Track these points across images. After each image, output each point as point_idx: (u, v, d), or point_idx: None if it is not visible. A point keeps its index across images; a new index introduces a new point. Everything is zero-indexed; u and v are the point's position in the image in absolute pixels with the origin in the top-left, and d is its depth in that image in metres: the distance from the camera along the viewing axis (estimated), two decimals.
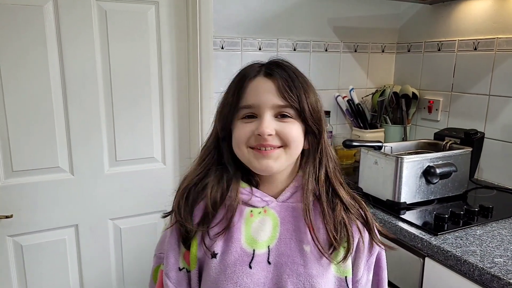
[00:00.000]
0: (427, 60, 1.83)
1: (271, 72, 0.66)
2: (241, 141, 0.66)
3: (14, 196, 1.40)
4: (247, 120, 0.67)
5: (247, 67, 0.70)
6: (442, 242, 1.07)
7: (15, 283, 1.46)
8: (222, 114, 0.69)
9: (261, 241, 0.68)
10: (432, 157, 1.32)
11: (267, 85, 0.65)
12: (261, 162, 0.66)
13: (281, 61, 0.70)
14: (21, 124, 1.37)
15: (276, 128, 0.65)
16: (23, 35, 1.32)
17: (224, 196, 0.68)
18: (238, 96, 0.66)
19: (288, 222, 0.70)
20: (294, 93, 0.65)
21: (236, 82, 0.68)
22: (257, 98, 0.65)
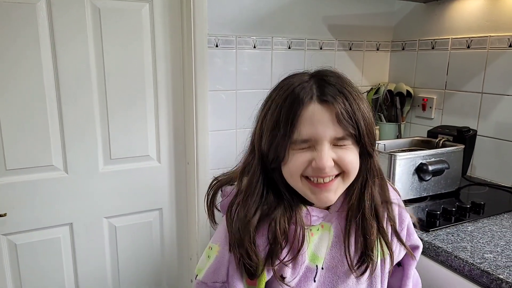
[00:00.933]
0: (421, 58, 1.84)
1: (327, 97, 0.60)
2: (296, 172, 0.63)
3: (8, 194, 1.40)
4: (301, 147, 0.62)
5: (295, 84, 0.63)
6: (434, 238, 1.08)
7: (9, 282, 1.46)
8: (271, 142, 0.62)
9: (321, 256, 0.69)
10: (424, 154, 1.33)
11: (324, 115, 0.60)
12: (319, 196, 0.64)
13: (330, 76, 0.64)
14: (15, 123, 1.37)
15: (334, 158, 0.62)
16: (16, 33, 1.31)
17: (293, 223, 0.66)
18: (292, 127, 0.60)
19: (338, 229, 0.71)
20: (353, 120, 0.61)
21: (287, 109, 0.61)
22: (314, 131, 0.60)
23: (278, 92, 0.64)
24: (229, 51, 1.62)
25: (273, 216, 0.64)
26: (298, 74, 0.66)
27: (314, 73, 0.66)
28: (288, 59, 1.75)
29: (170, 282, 1.75)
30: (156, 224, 1.68)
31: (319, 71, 0.66)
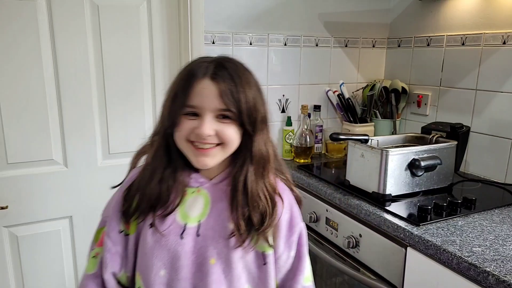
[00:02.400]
0: (416, 55, 1.85)
1: (217, 75, 0.71)
2: (182, 135, 0.73)
3: (9, 187, 1.43)
4: (190, 117, 0.72)
5: (196, 63, 0.74)
6: (424, 232, 1.10)
7: (11, 273, 1.49)
8: (170, 111, 0.73)
9: (192, 216, 0.77)
10: (417, 150, 1.35)
11: (211, 88, 0.70)
12: (198, 159, 0.74)
13: (227, 61, 0.74)
14: (15, 117, 1.40)
15: (216, 129, 0.72)
16: (16, 28, 1.34)
17: (170, 187, 0.75)
18: (185, 94, 0.71)
19: (218, 201, 0.78)
20: (235, 98, 0.70)
21: (184, 80, 0.72)
22: (201, 100, 0.70)
23: (182, 70, 0.75)
24: (226, 48, 1.64)
25: (163, 175, 0.75)
26: (204, 57, 0.76)
27: (217, 57, 0.76)
28: (284, 55, 1.77)
29: None
30: None
31: (222, 56, 0.76)
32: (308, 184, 1.57)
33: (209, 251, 0.76)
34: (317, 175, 1.61)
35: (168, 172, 0.76)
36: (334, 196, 1.42)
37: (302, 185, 1.61)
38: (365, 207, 1.29)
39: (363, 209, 1.29)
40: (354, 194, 1.39)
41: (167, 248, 0.75)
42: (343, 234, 1.38)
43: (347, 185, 1.45)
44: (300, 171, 1.67)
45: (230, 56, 0.76)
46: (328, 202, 1.46)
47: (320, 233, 1.52)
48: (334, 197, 1.42)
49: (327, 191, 1.46)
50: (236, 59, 0.77)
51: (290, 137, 1.80)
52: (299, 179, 1.63)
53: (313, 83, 1.87)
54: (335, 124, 1.98)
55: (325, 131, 1.87)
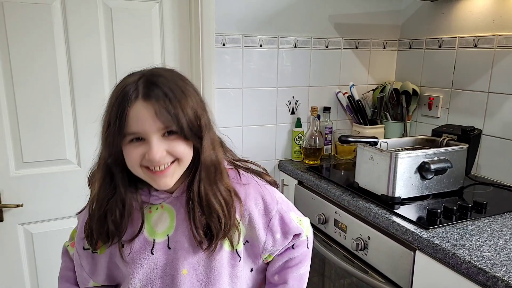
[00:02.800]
0: (428, 57, 1.84)
1: (148, 96, 0.67)
2: (134, 164, 0.71)
3: (24, 186, 1.46)
4: (135, 143, 0.70)
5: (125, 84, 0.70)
6: (433, 236, 1.10)
7: (25, 269, 1.53)
8: (107, 142, 0.70)
9: (160, 231, 0.78)
10: (427, 153, 1.34)
11: (147, 111, 0.67)
12: (158, 182, 0.72)
13: (156, 76, 0.71)
14: (31, 118, 1.43)
15: (166, 148, 0.70)
16: (32, 32, 1.37)
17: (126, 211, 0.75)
18: (121, 123, 0.67)
19: (182, 213, 0.78)
20: (172, 115, 0.68)
21: (116, 107, 0.68)
22: (141, 125, 0.68)
23: (113, 93, 0.71)
24: (236, 50, 1.65)
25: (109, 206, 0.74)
26: (132, 74, 0.72)
27: (146, 72, 0.72)
28: (295, 57, 1.78)
29: None
30: None
31: (150, 70, 0.72)
32: (317, 185, 1.57)
33: (180, 262, 0.77)
34: (326, 176, 1.62)
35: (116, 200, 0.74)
36: (343, 198, 1.42)
37: (311, 187, 1.61)
38: (374, 210, 1.29)
39: (371, 212, 1.29)
40: (363, 197, 1.39)
41: (140, 264, 0.77)
42: (352, 236, 1.38)
43: (356, 187, 1.45)
44: (309, 172, 1.68)
45: (158, 67, 0.74)
46: (337, 204, 1.47)
47: (328, 235, 1.52)
48: (343, 199, 1.42)
49: (336, 193, 1.46)
50: (165, 69, 0.74)
51: (299, 139, 1.81)
52: (308, 180, 1.63)
53: (323, 85, 1.87)
54: (345, 125, 1.97)
55: (335, 132, 1.87)
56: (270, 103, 1.78)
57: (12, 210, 1.46)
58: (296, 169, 1.73)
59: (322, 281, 1.65)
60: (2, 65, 1.36)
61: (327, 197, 1.52)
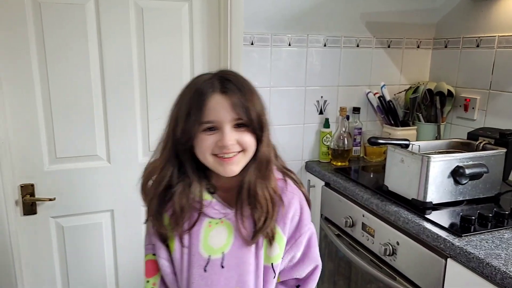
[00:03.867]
0: (464, 56, 1.76)
1: (225, 89, 0.76)
2: (206, 151, 0.77)
3: (57, 180, 1.51)
4: (208, 132, 0.77)
5: (200, 81, 0.78)
6: (466, 244, 1.05)
7: (56, 261, 1.58)
8: (184, 128, 0.76)
9: (216, 247, 0.81)
10: (462, 157, 1.28)
11: (223, 102, 0.75)
12: (225, 168, 0.78)
13: (229, 74, 0.79)
14: (64, 115, 1.48)
15: (236, 138, 0.77)
16: (66, 31, 1.42)
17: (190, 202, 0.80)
18: (200, 112, 0.75)
19: (240, 230, 0.81)
20: (245, 108, 0.76)
21: (195, 99, 0.76)
22: (217, 114, 0.75)
23: (187, 90, 0.79)
24: (264, 49, 1.64)
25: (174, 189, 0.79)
26: (203, 74, 0.81)
27: (216, 72, 0.80)
28: (324, 57, 1.75)
29: None
30: None
31: (220, 70, 0.81)
32: (344, 188, 1.54)
33: (233, 281, 0.80)
34: (355, 179, 1.58)
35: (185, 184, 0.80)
36: (372, 202, 1.38)
37: (338, 189, 1.58)
38: (404, 214, 1.25)
39: (401, 216, 1.25)
40: (393, 201, 1.34)
41: (190, 281, 0.80)
42: (380, 241, 1.34)
43: (386, 190, 1.41)
44: (337, 174, 1.64)
45: (227, 69, 0.84)
46: (365, 208, 1.43)
47: (355, 238, 1.48)
48: (371, 202, 1.38)
49: (364, 196, 1.42)
50: (233, 71, 0.82)
51: (327, 139, 1.78)
52: (335, 182, 1.60)
53: (352, 85, 1.83)
54: (375, 127, 1.92)
55: (364, 134, 1.83)
56: (298, 103, 1.76)
57: (45, 203, 1.51)
58: (323, 171, 1.70)
59: (348, 284, 1.61)
60: (39, 64, 1.41)
61: (355, 200, 1.48)
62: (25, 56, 1.39)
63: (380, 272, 1.32)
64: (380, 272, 1.32)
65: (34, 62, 1.40)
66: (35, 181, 1.49)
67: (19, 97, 1.41)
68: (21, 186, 1.47)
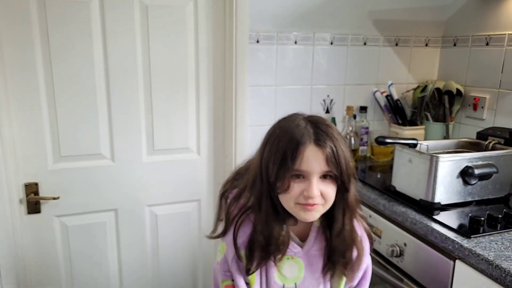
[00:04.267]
0: (474, 55, 1.73)
1: (319, 141, 0.78)
2: (291, 198, 0.80)
3: (61, 179, 1.51)
4: (296, 179, 0.80)
5: (295, 128, 0.80)
6: (475, 245, 1.03)
7: (61, 259, 1.58)
8: (278, 173, 0.79)
9: (289, 278, 0.89)
10: (471, 157, 1.26)
11: (317, 154, 0.78)
12: (306, 215, 0.82)
13: (322, 123, 0.81)
14: (69, 113, 1.47)
15: (321, 189, 0.80)
16: (71, 29, 1.41)
17: (279, 240, 0.85)
18: (294, 160, 0.77)
19: (310, 265, 0.89)
20: (337, 161, 0.78)
21: (291, 148, 0.78)
22: (310, 165, 0.78)
23: (281, 133, 0.81)
24: (270, 47, 1.63)
25: (271, 227, 0.84)
26: (295, 118, 0.83)
27: (309, 119, 0.83)
28: (330, 55, 1.73)
29: (206, 270, 1.81)
30: (194, 215, 1.74)
31: (313, 118, 0.83)
32: None
33: None
34: (361, 179, 1.56)
35: (277, 224, 0.85)
36: (378, 202, 1.36)
37: None
38: (412, 215, 1.22)
39: (409, 217, 1.22)
40: (400, 201, 1.32)
41: None
42: (387, 242, 1.32)
43: (393, 191, 1.38)
44: None
45: (318, 116, 0.84)
46: (372, 208, 1.41)
47: None
48: (378, 202, 1.36)
49: (371, 196, 1.40)
50: (323, 118, 0.84)
51: None
52: None
53: (359, 84, 1.81)
54: (382, 126, 1.90)
55: (371, 133, 1.80)
56: (304, 102, 1.74)
57: (49, 202, 1.51)
58: None
59: None
60: (43, 62, 1.41)
61: (361, 200, 1.46)
62: (30, 54, 1.38)
63: (387, 274, 1.29)
64: (387, 274, 1.29)
65: (38, 60, 1.40)
66: (39, 180, 1.48)
67: (24, 95, 1.41)
68: (25, 185, 1.46)
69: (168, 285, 1.76)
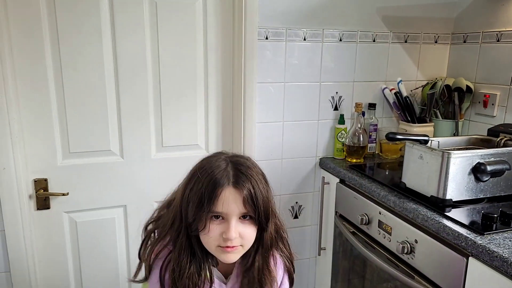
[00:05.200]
0: (484, 51, 1.72)
1: (238, 183, 0.80)
2: (212, 240, 0.82)
3: (70, 175, 1.51)
4: (215, 220, 0.81)
5: (216, 169, 0.80)
6: (489, 242, 1.02)
7: (69, 255, 1.58)
8: (195, 214, 0.80)
9: None
10: (483, 153, 1.25)
11: (235, 196, 0.79)
12: (226, 257, 0.84)
13: (242, 165, 0.82)
14: (78, 110, 1.47)
15: (240, 231, 0.82)
16: (81, 26, 1.41)
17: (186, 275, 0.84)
18: (211, 202, 0.78)
19: None
20: (255, 203, 0.80)
21: (209, 190, 0.78)
22: (227, 207, 0.79)
23: (202, 174, 0.81)
24: (279, 44, 1.62)
25: (187, 270, 0.84)
26: (218, 158, 0.84)
27: (231, 159, 0.84)
28: (339, 52, 1.72)
29: None
30: None
31: (234, 158, 0.84)
32: (360, 184, 1.51)
33: None
34: (370, 175, 1.55)
35: (194, 267, 0.85)
36: (389, 199, 1.35)
37: (354, 186, 1.55)
38: (423, 212, 1.21)
39: (420, 214, 1.22)
40: (411, 198, 1.31)
41: None
42: (397, 239, 1.31)
43: (403, 187, 1.38)
44: (352, 171, 1.61)
45: (240, 155, 0.87)
46: (382, 205, 1.40)
47: (371, 236, 1.45)
48: (389, 199, 1.35)
49: (381, 193, 1.39)
50: (245, 157, 0.87)
51: (342, 136, 1.75)
52: (350, 179, 1.57)
53: (368, 80, 1.80)
54: (390, 123, 1.89)
55: (380, 130, 1.79)
56: (313, 99, 1.74)
57: (58, 198, 1.51)
58: (338, 167, 1.67)
59: (363, 283, 1.58)
60: (52, 59, 1.41)
61: (371, 197, 1.45)
62: (39, 52, 1.39)
63: (397, 271, 1.28)
64: (397, 271, 1.29)
65: (48, 57, 1.40)
66: (49, 176, 1.49)
67: (33, 92, 1.41)
68: (35, 181, 1.47)
69: None
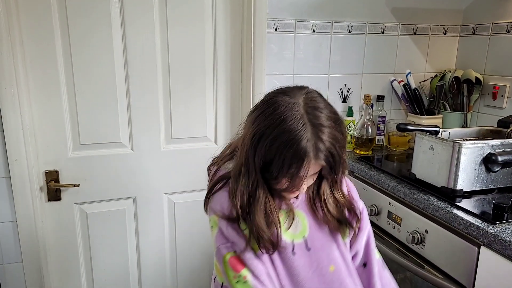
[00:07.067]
0: (494, 43, 1.71)
1: (319, 158, 0.74)
2: (278, 186, 0.80)
3: (81, 167, 1.52)
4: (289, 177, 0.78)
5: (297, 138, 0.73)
6: (501, 231, 1.02)
7: (80, 246, 1.60)
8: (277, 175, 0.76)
9: (296, 233, 0.85)
10: (494, 144, 1.24)
11: (315, 166, 0.76)
12: (290, 196, 0.84)
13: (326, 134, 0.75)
14: (88, 102, 1.48)
15: (308, 182, 0.81)
16: (90, 18, 1.41)
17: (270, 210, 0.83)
18: (296, 169, 0.74)
19: (312, 213, 0.88)
20: (332, 169, 0.78)
21: (289, 160, 0.73)
22: (307, 174, 0.76)
23: (283, 139, 0.73)
24: (288, 35, 1.62)
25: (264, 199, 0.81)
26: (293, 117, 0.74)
27: (308, 117, 0.75)
28: (348, 43, 1.71)
29: None
30: None
31: (313, 120, 0.75)
32: (369, 176, 1.51)
33: (324, 260, 0.85)
34: (379, 167, 1.55)
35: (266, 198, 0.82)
36: (398, 190, 1.35)
37: (363, 177, 1.55)
38: (433, 202, 1.22)
39: (431, 204, 1.22)
40: (421, 188, 1.31)
41: (283, 266, 0.83)
42: (407, 229, 1.31)
43: (413, 178, 1.38)
44: (360, 162, 1.62)
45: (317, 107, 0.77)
46: (391, 196, 1.40)
47: (381, 227, 1.46)
48: (398, 190, 1.35)
49: (391, 184, 1.39)
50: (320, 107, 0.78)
51: (350, 128, 1.75)
52: (359, 170, 1.57)
53: (377, 72, 1.80)
54: (399, 115, 1.89)
55: (388, 122, 1.79)
56: (321, 91, 1.68)
57: (69, 189, 1.52)
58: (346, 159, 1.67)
59: None
60: (63, 51, 1.41)
61: (380, 188, 1.46)
62: (50, 43, 1.39)
63: (407, 261, 1.29)
64: (407, 261, 1.29)
65: (58, 49, 1.41)
66: (60, 167, 1.50)
67: (44, 84, 1.42)
68: (46, 172, 1.48)
69: (185, 270, 1.77)
